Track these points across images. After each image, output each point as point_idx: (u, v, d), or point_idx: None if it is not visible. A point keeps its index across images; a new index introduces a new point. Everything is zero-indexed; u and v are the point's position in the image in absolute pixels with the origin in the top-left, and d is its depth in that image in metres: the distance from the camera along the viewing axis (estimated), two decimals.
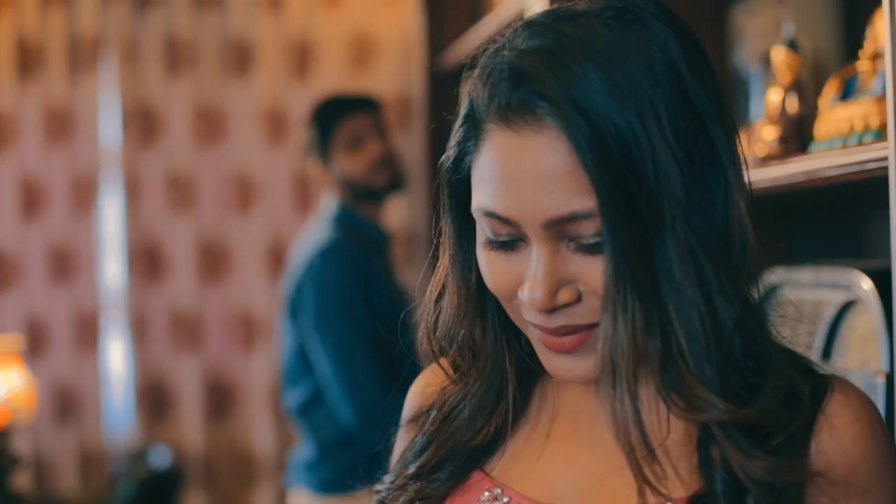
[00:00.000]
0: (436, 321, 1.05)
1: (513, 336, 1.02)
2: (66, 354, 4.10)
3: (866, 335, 1.47)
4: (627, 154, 0.84)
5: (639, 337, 0.86)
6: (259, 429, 4.14)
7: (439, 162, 1.00)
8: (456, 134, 0.96)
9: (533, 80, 0.86)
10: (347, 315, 2.69)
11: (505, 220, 0.90)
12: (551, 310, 0.90)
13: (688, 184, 0.86)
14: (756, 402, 0.89)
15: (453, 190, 0.99)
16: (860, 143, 1.37)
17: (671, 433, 0.93)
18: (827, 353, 1.53)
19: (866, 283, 1.44)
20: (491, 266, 0.94)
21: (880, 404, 1.35)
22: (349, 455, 2.72)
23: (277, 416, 4.08)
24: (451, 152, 0.97)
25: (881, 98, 1.37)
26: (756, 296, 0.94)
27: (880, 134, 1.34)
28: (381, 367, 2.67)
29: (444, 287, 1.04)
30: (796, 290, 1.63)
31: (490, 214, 0.91)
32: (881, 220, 1.51)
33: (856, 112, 1.42)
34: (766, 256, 0.96)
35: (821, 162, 1.38)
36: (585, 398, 1.01)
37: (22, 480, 3.88)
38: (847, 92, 1.53)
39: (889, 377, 1.36)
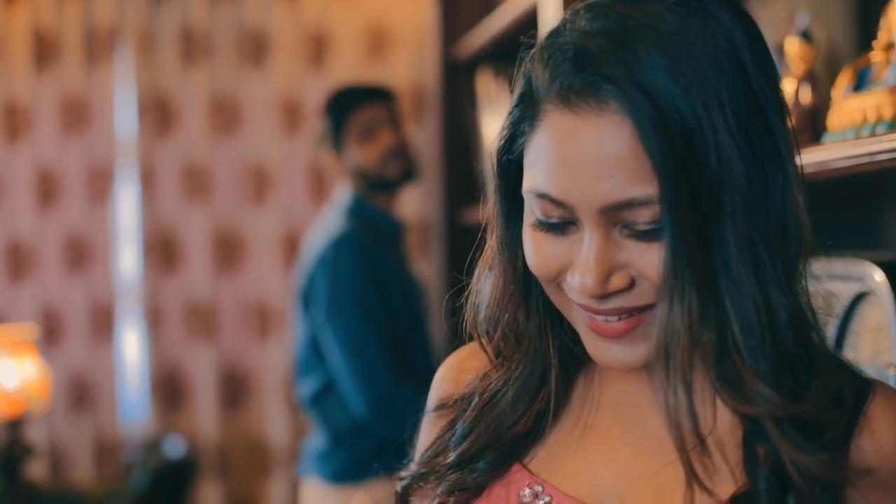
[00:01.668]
0: (481, 304, 1.03)
1: (557, 321, 1.00)
2: (82, 344, 4.12)
3: (878, 327, 1.46)
4: (691, 141, 0.83)
5: (695, 326, 0.85)
6: (273, 418, 4.16)
7: (492, 143, 0.98)
8: (511, 114, 0.94)
9: (598, 61, 0.85)
10: (359, 305, 2.69)
11: (559, 203, 0.88)
12: (602, 296, 0.88)
13: (749, 174, 0.85)
14: (808, 398, 0.88)
15: (504, 171, 0.96)
16: (873, 134, 1.36)
17: (720, 427, 0.92)
18: (839, 345, 1.52)
19: (878, 275, 1.44)
20: (538, 248, 0.92)
21: None
22: (361, 445, 2.74)
23: (292, 405, 4.09)
24: (504, 132, 0.95)
25: (894, 89, 1.36)
26: (806, 292, 0.93)
27: (893, 125, 1.34)
28: (392, 358, 2.67)
29: (490, 269, 1.03)
30: (808, 282, 1.62)
31: (543, 196, 0.89)
32: (893, 212, 1.50)
33: (869, 103, 1.41)
34: (819, 251, 0.94)
35: (832, 153, 1.37)
36: (630, 390, 0.99)
37: (36, 470, 3.91)
38: (860, 83, 1.52)
39: None
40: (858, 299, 1.51)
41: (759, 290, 0.86)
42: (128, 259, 4.18)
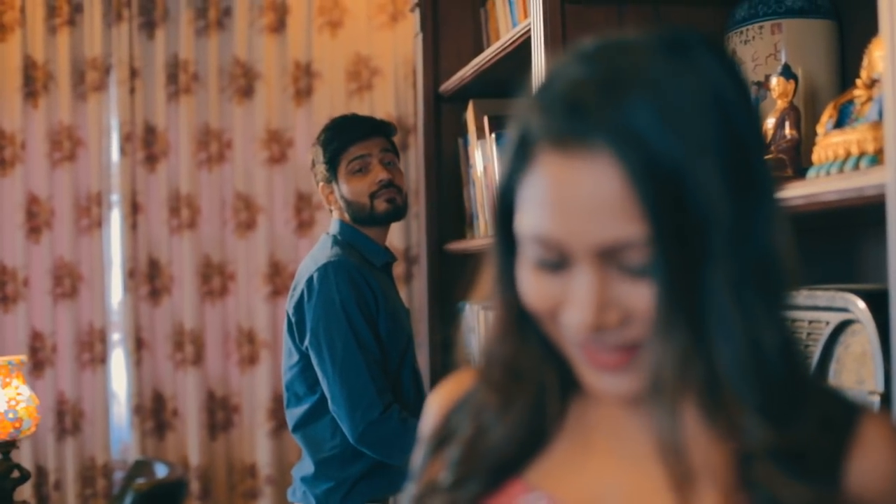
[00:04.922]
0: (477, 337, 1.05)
1: (552, 351, 1.01)
2: (70, 371, 4.12)
3: (861, 355, 1.49)
4: (679, 184, 0.85)
5: (684, 363, 0.88)
6: (259, 445, 4.17)
7: (494, 186, 1.01)
8: (507, 159, 0.96)
9: (589, 109, 0.87)
10: (348, 330, 2.69)
11: (553, 243, 0.90)
12: (596, 331, 0.90)
13: (735, 215, 0.87)
14: (795, 428, 0.91)
15: (503, 210, 0.98)
16: (856, 168, 1.40)
17: (715, 456, 0.94)
18: (822, 372, 1.55)
19: (861, 304, 1.46)
20: (534, 286, 0.94)
21: None
22: (347, 471, 2.74)
23: (277, 432, 4.11)
24: (503, 172, 0.97)
25: (877, 124, 1.40)
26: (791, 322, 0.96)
27: (876, 159, 1.37)
28: (379, 384, 2.68)
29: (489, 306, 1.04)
30: (792, 312, 1.65)
31: (538, 237, 0.91)
32: (877, 244, 1.54)
33: (852, 138, 1.45)
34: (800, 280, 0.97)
35: (819, 187, 1.41)
36: (626, 414, 1.01)
37: (24, 494, 3.90)
38: (843, 118, 1.56)
39: (883, 397, 1.39)
40: (841, 328, 1.54)
41: (747, 326, 0.89)
42: (116, 287, 4.19)
